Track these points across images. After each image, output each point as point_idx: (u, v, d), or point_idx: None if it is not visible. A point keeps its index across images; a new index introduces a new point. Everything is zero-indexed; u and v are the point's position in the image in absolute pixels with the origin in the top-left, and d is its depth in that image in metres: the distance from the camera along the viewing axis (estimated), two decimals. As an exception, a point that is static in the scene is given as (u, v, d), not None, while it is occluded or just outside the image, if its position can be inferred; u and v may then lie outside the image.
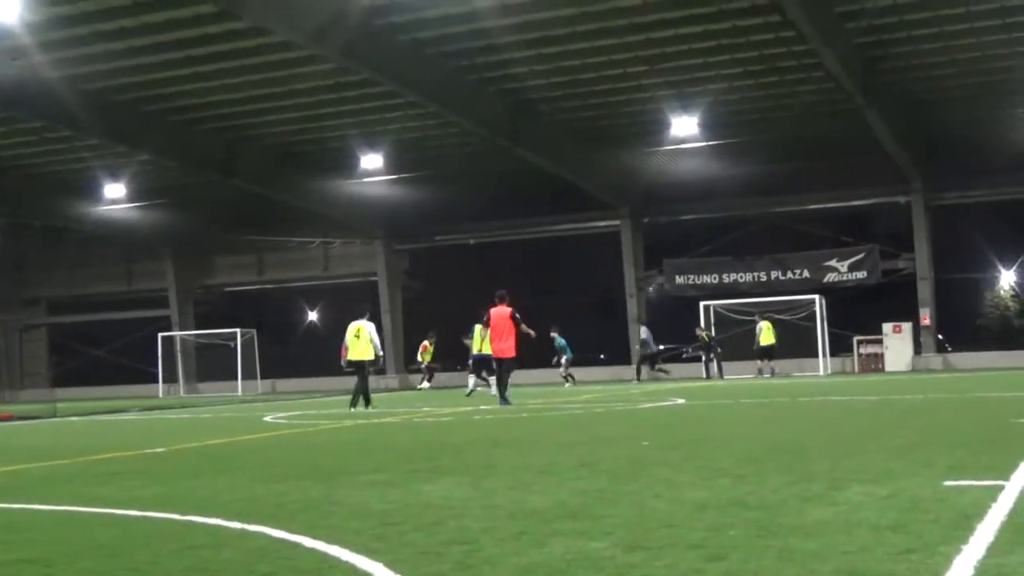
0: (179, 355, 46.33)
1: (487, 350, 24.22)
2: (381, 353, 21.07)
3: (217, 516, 6.34)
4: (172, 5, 23.76)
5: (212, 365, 44.57)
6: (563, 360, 33.44)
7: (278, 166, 37.40)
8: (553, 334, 33.13)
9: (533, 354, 33.31)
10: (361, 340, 20.33)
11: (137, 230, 44.23)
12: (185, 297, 47.80)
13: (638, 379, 34.49)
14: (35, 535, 6.09)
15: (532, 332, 21.55)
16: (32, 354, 51.26)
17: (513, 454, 9.93)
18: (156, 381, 43.94)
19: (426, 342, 36.95)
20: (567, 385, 32.61)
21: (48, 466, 10.65)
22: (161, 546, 5.49)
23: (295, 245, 45.68)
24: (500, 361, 21.52)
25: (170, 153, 34.37)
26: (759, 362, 35.45)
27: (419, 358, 37.32)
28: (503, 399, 20.56)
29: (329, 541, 5.34)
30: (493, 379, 23.90)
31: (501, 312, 21.08)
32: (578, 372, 35.26)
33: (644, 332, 36.06)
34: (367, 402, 20.46)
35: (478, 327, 26.26)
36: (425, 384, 36.58)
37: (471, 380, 27.42)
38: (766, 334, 34.82)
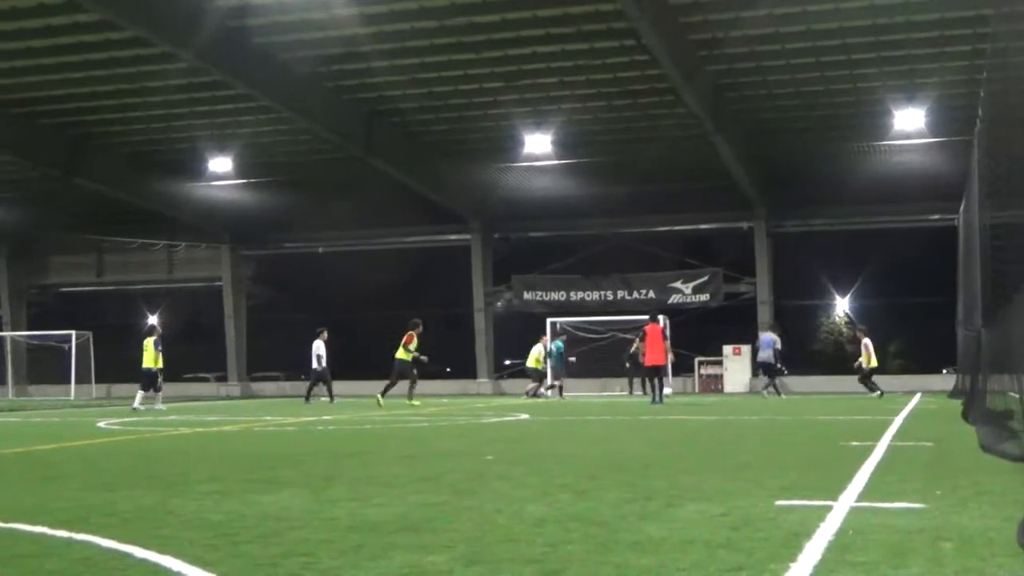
0: (9, 356, 44.66)
1: (153, 364, 24.49)
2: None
3: (43, 524, 6.11)
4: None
5: (44, 368, 43.12)
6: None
7: (124, 165, 36.40)
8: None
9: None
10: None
11: (-32, 226, 42.54)
12: (17, 297, 46.14)
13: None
14: None
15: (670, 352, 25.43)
16: None
17: (355, 466, 9.84)
18: (-17, 383, 42.25)
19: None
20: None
21: None
22: (-19, 555, 5.26)
23: (137, 246, 44.44)
24: (653, 368, 24.81)
25: (6, 146, 33.13)
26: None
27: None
28: (658, 400, 23.95)
29: (162, 551, 5.19)
30: (143, 394, 24.32)
31: (654, 328, 24.43)
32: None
33: (770, 341, 30.04)
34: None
35: (147, 341, 24.86)
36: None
37: (139, 395, 24.84)
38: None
